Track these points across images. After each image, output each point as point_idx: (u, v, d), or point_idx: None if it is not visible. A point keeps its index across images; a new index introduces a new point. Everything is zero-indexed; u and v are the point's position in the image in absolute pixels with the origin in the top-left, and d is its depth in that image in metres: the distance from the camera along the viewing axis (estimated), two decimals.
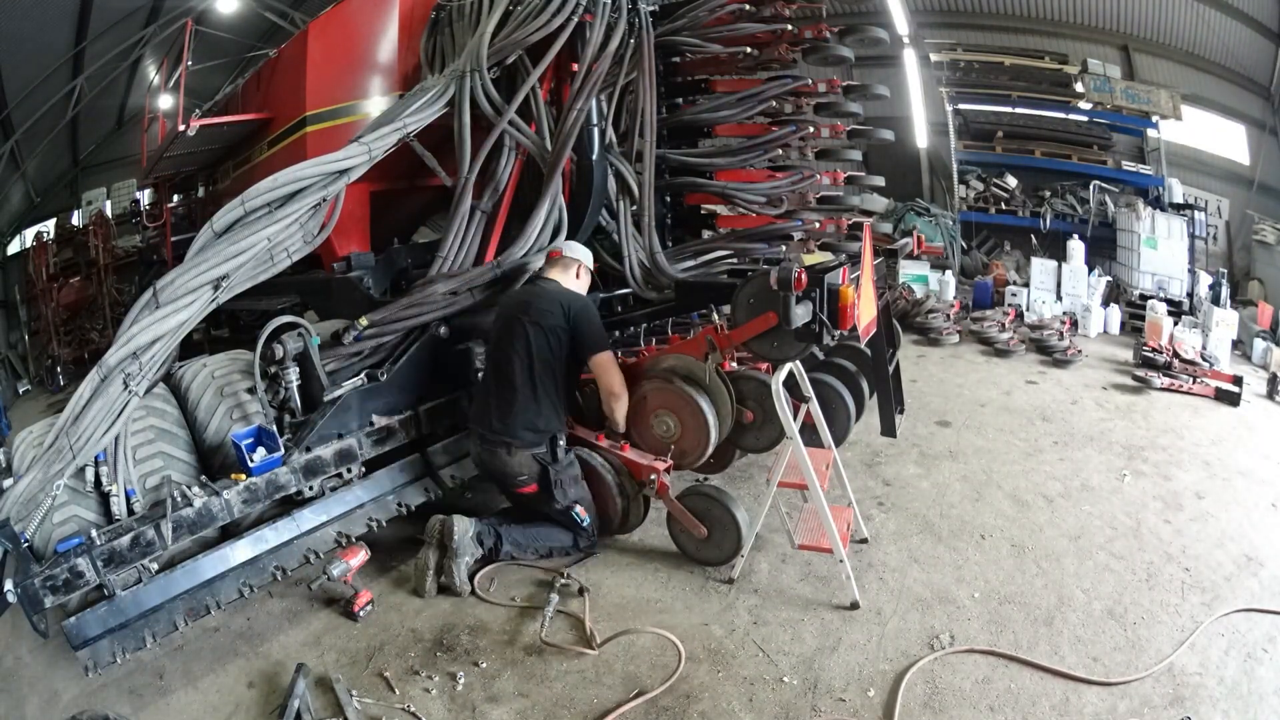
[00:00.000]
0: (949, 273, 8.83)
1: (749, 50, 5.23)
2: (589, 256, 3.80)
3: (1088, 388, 5.87)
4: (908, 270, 8.67)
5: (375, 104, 4.59)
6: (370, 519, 3.40)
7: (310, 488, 3.27)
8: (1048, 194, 9.77)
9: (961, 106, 10.14)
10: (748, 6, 5.00)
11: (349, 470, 3.41)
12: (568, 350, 3.42)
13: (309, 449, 3.27)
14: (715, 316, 3.69)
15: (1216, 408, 5.46)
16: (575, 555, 3.47)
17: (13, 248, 11.41)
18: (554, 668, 2.76)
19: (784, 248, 5.23)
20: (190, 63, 5.81)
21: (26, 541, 2.72)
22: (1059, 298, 8.08)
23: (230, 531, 3.12)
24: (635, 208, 4.65)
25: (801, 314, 3.04)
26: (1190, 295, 7.87)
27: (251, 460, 3.06)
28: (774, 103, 5.21)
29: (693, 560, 3.41)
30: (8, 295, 10.92)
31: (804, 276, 3.00)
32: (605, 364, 3.46)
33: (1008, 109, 9.99)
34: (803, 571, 3.34)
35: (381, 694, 2.67)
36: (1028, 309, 7.94)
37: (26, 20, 8.45)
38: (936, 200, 10.85)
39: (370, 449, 3.48)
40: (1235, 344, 6.93)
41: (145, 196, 9.70)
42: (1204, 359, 6.26)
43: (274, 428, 3.22)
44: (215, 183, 6.77)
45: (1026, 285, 8.34)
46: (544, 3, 4.10)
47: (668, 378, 3.46)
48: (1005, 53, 9.83)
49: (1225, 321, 6.85)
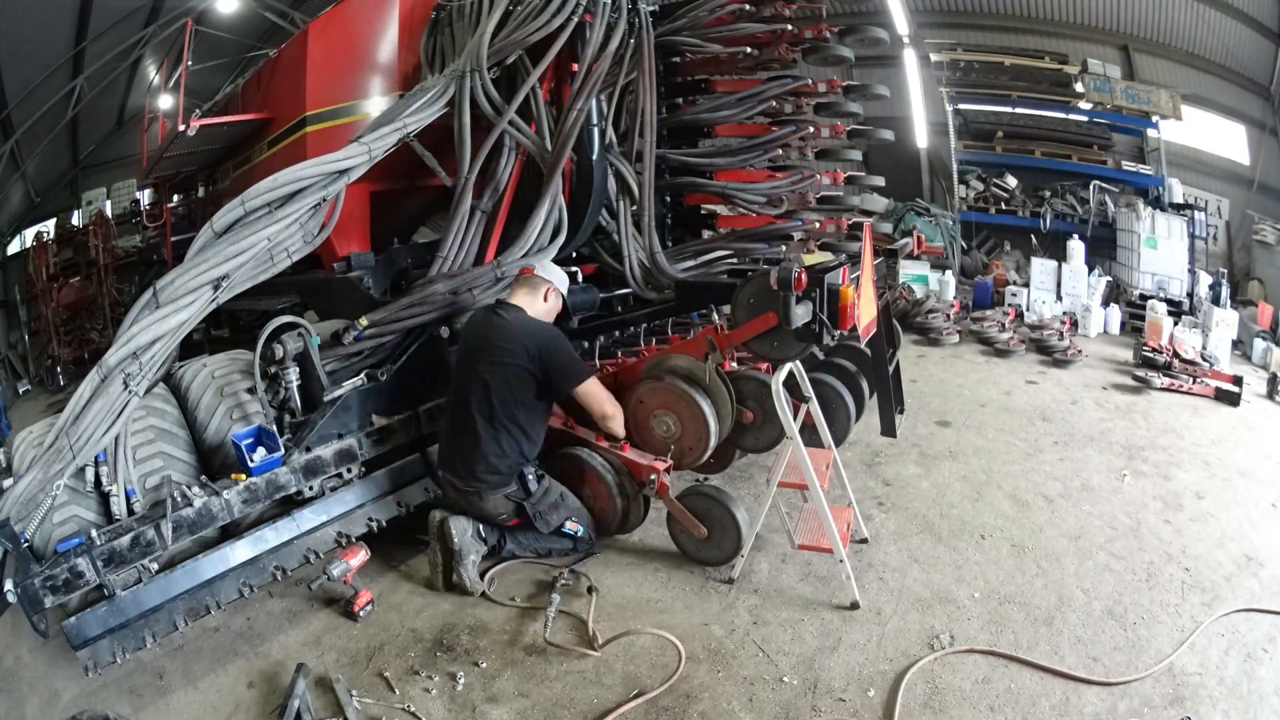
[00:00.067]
0: (949, 273, 8.82)
1: (749, 50, 5.24)
2: (563, 280, 3.54)
3: (1088, 388, 5.87)
4: (908, 270, 8.67)
5: (375, 104, 4.59)
6: (370, 519, 3.41)
7: (310, 488, 3.27)
8: (1048, 194, 9.76)
9: (961, 106, 10.14)
10: (748, 6, 5.01)
11: (349, 470, 3.41)
12: (536, 388, 3.27)
13: (309, 449, 3.27)
14: (715, 316, 3.69)
15: (1216, 408, 5.46)
16: (575, 555, 3.48)
17: (13, 248, 11.42)
18: (554, 668, 2.76)
19: (784, 248, 5.24)
20: (190, 63, 5.82)
21: (26, 541, 2.72)
22: (1059, 298, 8.08)
23: (230, 531, 3.13)
24: (635, 208, 4.66)
25: (801, 314, 3.04)
26: (1190, 295, 7.86)
27: (251, 460, 3.06)
28: (774, 103, 5.23)
29: (693, 560, 3.41)
30: (8, 295, 10.93)
31: (804, 276, 3.00)
32: (589, 393, 3.35)
33: (1008, 109, 9.98)
34: (803, 571, 3.34)
35: (381, 694, 2.67)
36: (1028, 309, 7.93)
37: (26, 20, 8.45)
38: (936, 200, 10.85)
39: (370, 449, 3.48)
40: (1235, 344, 6.92)
41: (145, 196, 9.70)
42: (1204, 359, 6.25)
43: (274, 428, 3.22)
44: (215, 183, 6.77)
45: (1026, 285, 8.33)
46: (544, 3, 4.10)
47: (668, 378, 3.46)
48: (1005, 53, 9.82)
49: (1225, 321, 6.85)
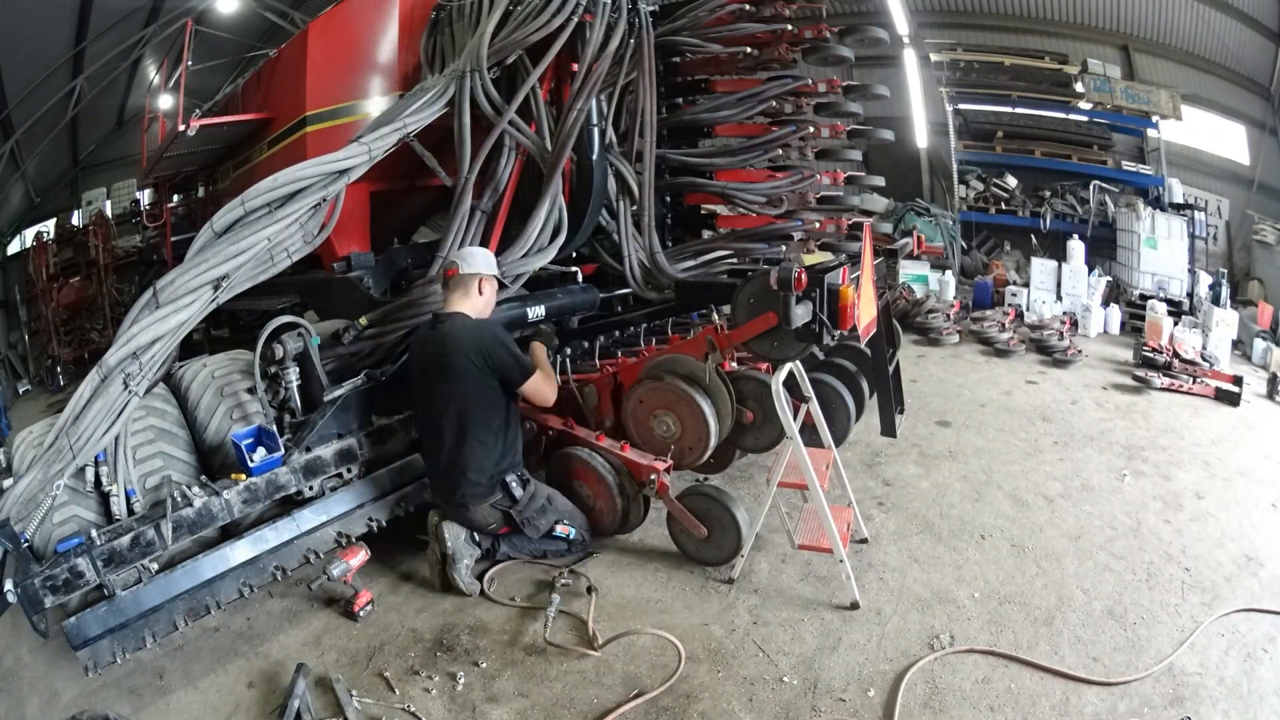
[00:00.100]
0: (949, 273, 8.82)
1: (749, 50, 5.24)
2: (489, 262, 3.41)
3: (1088, 388, 5.87)
4: (908, 270, 8.67)
5: (375, 104, 4.58)
6: (370, 519, 3.41)
7: (310, 488, 3.27)
8: (1048, 194, 9.77)
9: (961, 106, 10.14)
10: (748, 6, 5.01)
11: (349, 470, 3.42)
12: (501, 390, 3.23)
13: (309, 449, 3.27)
14: (715, 316, 3.69)
15: (1216, 408, 5.46)
16: (572, 556, 3.47)
17: (13, 248, 11.42)
18: (554, 668, 2.77)
19: (784, 248, 5.24)
20: (190, 63, 5.82)
21: (26, 541, 2.72)
22: (1059, 298, 8.08)
23: (230, 531, 3.12)
24: (635, 208, 4.66)
25: (801, 314, 3.04)
26: (1190, 295, 7.86)
27: (251, 460, 3.06)
28: (774, 103, 5.23)
29: (693, 560, 3.41)
30: (8, 295, 10.93)
31: (804, 276, 2.99)
32: (534, 389, 3.32)
33: (1008, 109, 9.99)
34: (803, 571, 3.34)
35: (381, 694, 2.68)
36: (1028, 309, 7.93)
37: (26, 20, 8.45)
38: (936, 200, 10.85)
39: (370, 449, 3.48)
40: (1235, 344, 6.93)
41: (145, 196, 9.69)
42: (1204, 359, 6.25)
43: (274, 428, 3.22)
44: (215, 183, 6.77)
45: (1026, 285, 8.34)
46: (544, 3, 4.10)
47: (668, 378, 3.46)
48: (1005, 53, 9.83)
49: (1225, 321, 6.85)
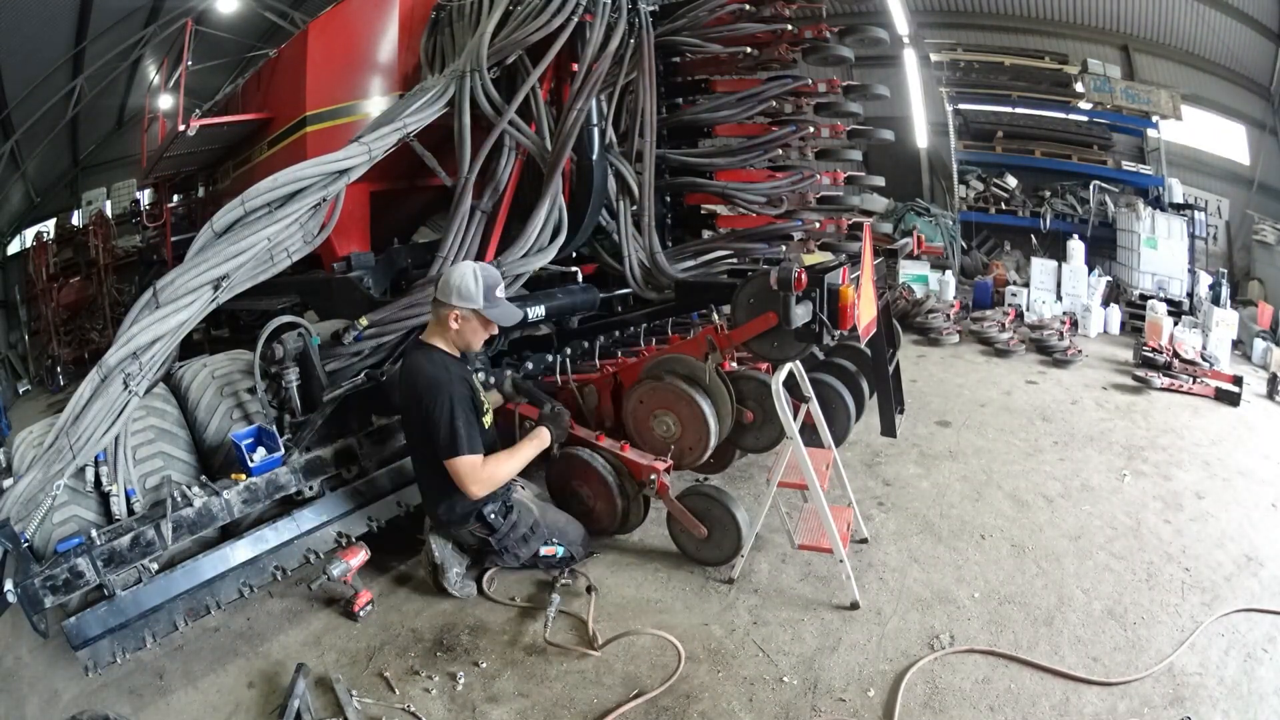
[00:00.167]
0: (949, 273, 8.82)
1: (749, 50, 5.25)
2: (466, 293, 2.89)
3: (1088, 388, 5.87)
4: (908, 270, 8.67)
5: (375, 104, 4.59)
6: (370, 519, 3.41)
7: (310, 488, 3.27)
8: (1048, 194, 9.77)
9: (961, 106, 10.14)
10: (748, 6, 5.01)
11: (349, 470, 3.42)
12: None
13: (309, 449, 3.27)
14: (715, 316, 3.69)
15: (1216, 408, 5.46)
16: (566, 563, 3.37)
17: (13, 248, 11.42)
18: (554, 668, 2.76)
19: (784, 248, 5.24)
20: (190, 63, 5.82)
21: (26, 541, 2.72)
22: (1059, 298, 8.08)
23: (230, 531, 3.13)
24: (635, 208, 4.66)
25: (801, 314, 3.04)
26: (1190, 295, 7.87)
27: (251, 460, 3.07)
28: (774, 103, 5.23)
29: (693, 560, 3.41)
30: (8, 295, 10.93)
31: (804, 276, 2.99)
32: (454, 470, 2.88)
33: (1008, 109, 9.99)
34: (803, 571, 3.34)
35: (381, 694, 2.67)
36: (1028, 309, 7.93)
37: (26, 20, 8.45)
38: (936, 200, 10.85)
39: (370, 449, 3.48)
40: (1235, 344, 6.93)
41: (145, 196, 9.70)
42: (1204, 359, 6.25)
43: (274, 428, 3.22)
44: (215, 183, 6.77)
45: (1026, 285, 8.34)
46: (544, 3, 4.10)
47: (668, 378, 3.46)
48: (1005, 53, 9.83)
49: (1225, 321, 6.85)
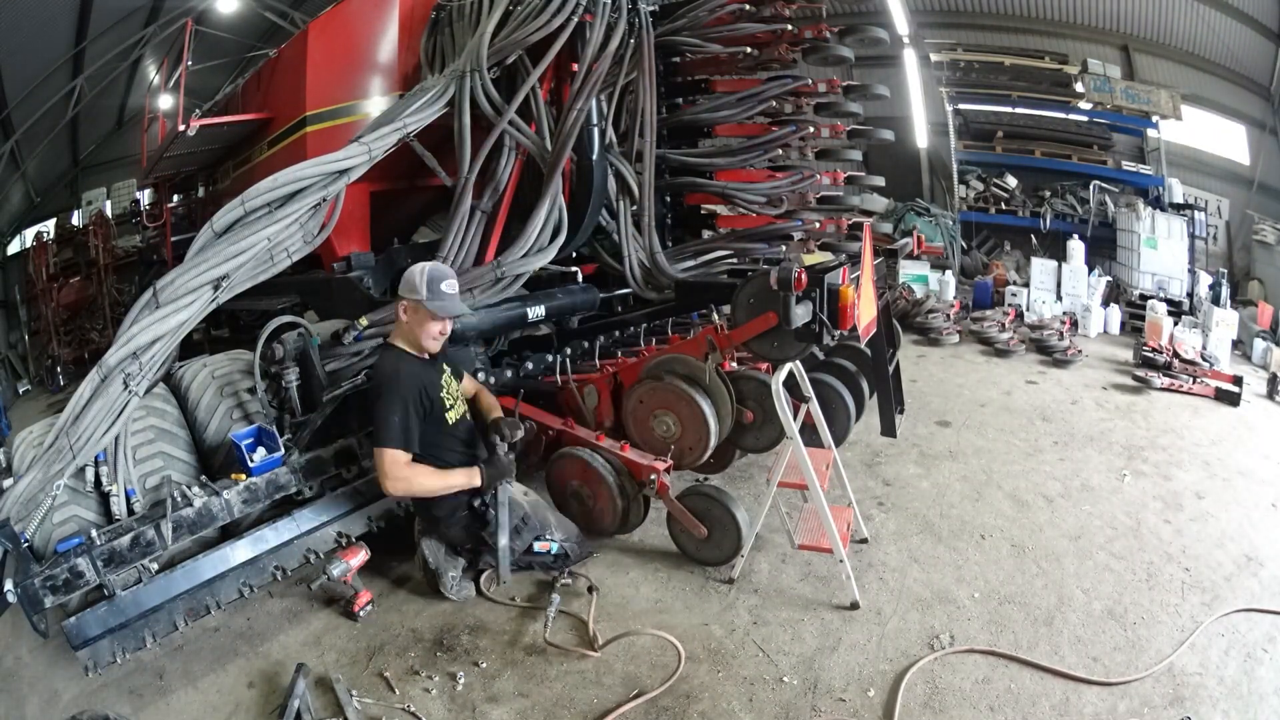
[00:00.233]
0: (949, 273, 8.83)
1: (749, 50, 5.24)
2: (410, 283, 2.96)
3: (1088, 388, 5.87)
4: (908, 270, 8.68)
5: (375, 104, 4.58)
6: (370, 519, 3.41)
7: (310, 488, 3.27)
8: (1048, 194, 9.77)
9: (961, 106, 10.14)
10: (748, 6, 5.01)
11: (349, 470, 3.41)
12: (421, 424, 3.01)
13: (309, 449, 3.27)
14: (715, 316, 3.69)
15: (1216, 408, 5.46)
16: (563, 562, 3.36)
17: (13, 248, 11.41)
18: (554, 668, 2.77)
19: (784, 248, 5.24)
20: (190, 63, 5.81)
21: (26, 541, 2.72)
22: (1059, 298, 8.08)
23: (230, 531, 3.13)
24: (635, 208, 4.66)
25: (801, 314, 3.04)
26: (1190, 295, 7.87)
27: (251, 460, 3.07)
28: (774, 103, 5.23)
29: (693, 560, 3.41)
30: (8, 295, 10.92)
31: (804, 276, 3.00)
32: (375, 461, 2.95)
33: (1008, 109, 9.99)
34: (803, 571, 3.34)
35: (381, 694, 2.68)
36: (1028, 309, 7.94)
37: (26, 20, 8.44)
38: (936, 200, 10.85)
39: (370, 449, 3.46)
40: (1235, 344, 6.93)
41: (145, 196, 9.69)
42: (1204, 359, 6.26)
43: (274, 428, 3.22)
44: (215, 183, 6.76)
45: (1026, 285, 8.34)
46: (544, 3, 4.10)
47: (668, 378, 3.46)
48: (1005, 53, 9.83)
49: (1225, 321, 6.85)
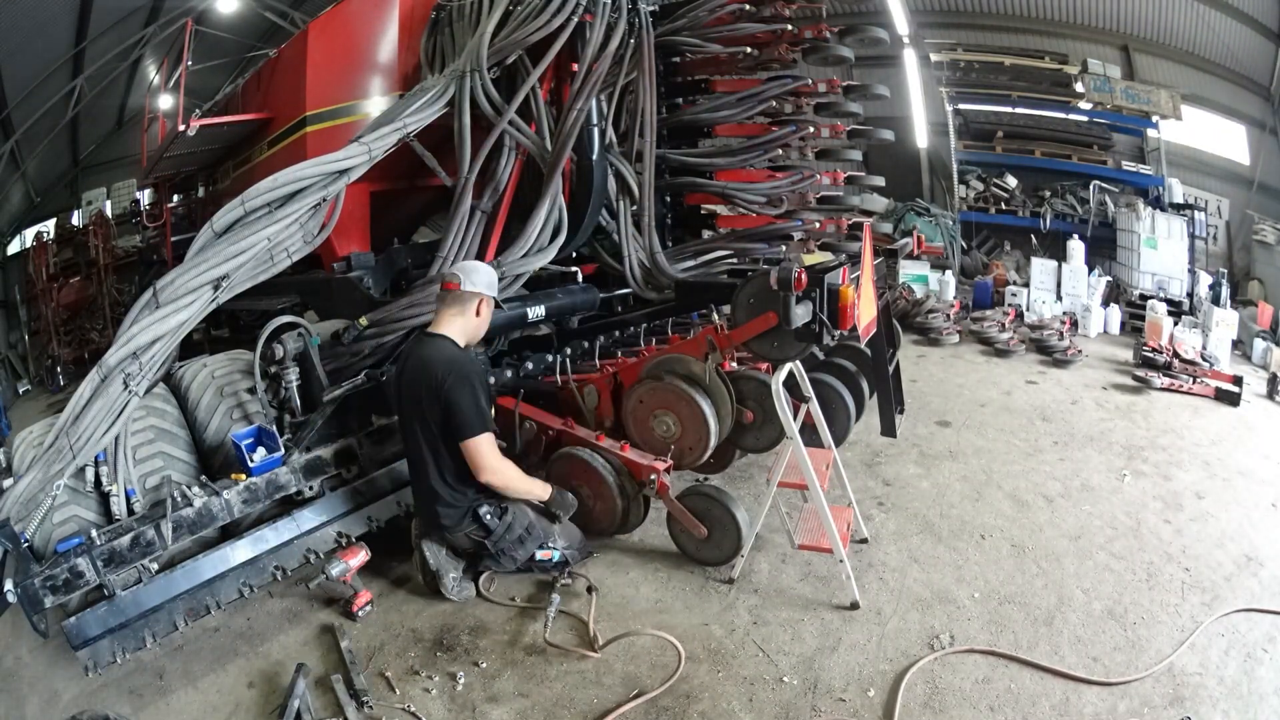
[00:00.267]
0: (949, 273, 8.83)
1: (749, 50, 5.25)
2: (492, 283, 3.15)
3: (1088, 388, 5.87)
4: (908, 270, 8.68)
5: (375, 104, 4.59)
6: (370, 519, 3.41)
7: (310, 488, 3.27)
8: (1048, 194, 9.77)
9: (961, 106, 10.15)
10: (748, 6, 5.01)
11: (349, 470, 3.42)
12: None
13: (309, 449, 3.28)
14: (715, 316, 3.69)
15: (1216, 408, 5.46)
16: (563, 566, 3.33)
17: (13, 248, 11.42)
18: (554, 668, 2.76)
19: (784, 248, 5.24)
20: (190, 63, 5.82)
21: (26, 541, 2.72)
22: (1059, 298, 8.08)
23: (230, 531, 3.13)
24: (635, 208, 4.66)
25: (801, 314, 3.04)
26: (1190, 295, 7.87)
27: (251, 460, 3.07)
28: (774, 103, 5.23)
29: (693, 560, 3.41)
30: (8, 295, 10.93)
31: (804, 276, 3.00)
32: (475, 449, 2.99)
33: (1008, 109, 10.00)
34: (803, 571, 3.34)
35: (381, 694, 2.67)
36: (1028, 309, 7.94)
37: (26, 20, 8.45)
38: (936, 200, 10.86)
39: (370, 449, 3.48)
40: (1235, 344, 6.93)
41: (145, 196, 9.70)
42: (1204, 359, 6.26)
43: (274, 428, 3.22)
44: (215, 183, 6.77)
45: (1026, 285, 8.34)
46: (544, 3, 4.10)
47: (668, 378, 3.46)
48: (1005, 53, 9.83)
49: (1225, 321, 6.85)
